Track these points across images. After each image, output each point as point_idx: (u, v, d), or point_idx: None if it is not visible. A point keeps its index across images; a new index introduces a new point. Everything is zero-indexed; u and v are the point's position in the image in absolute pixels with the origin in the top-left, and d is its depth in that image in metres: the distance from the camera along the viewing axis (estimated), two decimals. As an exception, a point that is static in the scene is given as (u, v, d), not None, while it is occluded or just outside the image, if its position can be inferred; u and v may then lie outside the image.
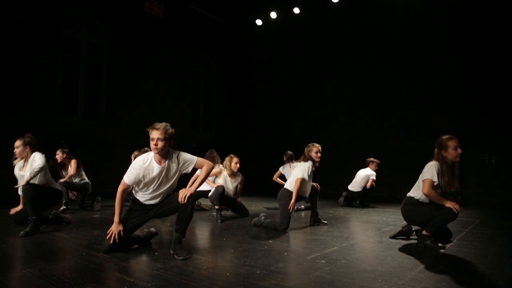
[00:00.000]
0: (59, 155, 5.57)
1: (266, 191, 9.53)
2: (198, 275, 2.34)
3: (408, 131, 8.78)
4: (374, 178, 6.48)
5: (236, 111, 12.02)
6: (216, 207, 4.82)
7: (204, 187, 5.64)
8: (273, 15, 11.01)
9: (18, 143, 3.99)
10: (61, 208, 5.18)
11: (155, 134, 2.80)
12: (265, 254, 2.90)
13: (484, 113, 7.87)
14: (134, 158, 5.56)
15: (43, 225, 3.97)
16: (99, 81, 8.96)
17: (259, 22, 11.41)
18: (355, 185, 6.55)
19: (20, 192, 3.98)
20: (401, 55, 9.01)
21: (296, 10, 10.58)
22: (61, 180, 5.39)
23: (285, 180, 5.84)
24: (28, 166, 3.93)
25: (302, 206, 5.97)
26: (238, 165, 5.07)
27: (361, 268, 2.52)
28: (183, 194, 2.77)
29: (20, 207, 4.03)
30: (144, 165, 2.88)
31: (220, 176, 5.08)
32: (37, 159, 3.88)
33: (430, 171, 3.20)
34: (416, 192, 3.37)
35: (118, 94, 8.93)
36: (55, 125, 7.76)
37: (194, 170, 3.12)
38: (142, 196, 3.02)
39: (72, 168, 5.51)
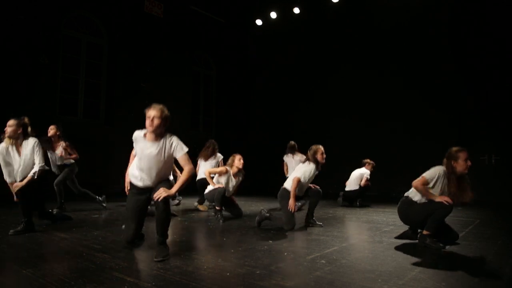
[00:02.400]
0: (52, 130, 5.21)
1: (266, 192, 9.52)
2: (198, 275, 2.34)
3: (408, 131, 8.78)
4: (368, 176, 6.61)
5: (236, 111, 12.01)
6: (217, 208, 4.81)
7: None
8: (273, 15, 11.00)
9: (12, 122, 3.75)
10: (56, 209, 5.17)
11: (151, 113, 2.85)
12: (265, 254, 2.89)
13: (484, 113, 7.87)
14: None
15: (49, 221, 4.10)
16: (99, 81, 8.95)
17: (259, 22, 11.40)
18: (350, 185, 6.67)
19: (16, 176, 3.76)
20: (401, 55, 9.00)
21: (296, 10, 10.57)
22: (57, 181, 5.30)
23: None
24: (23, 152, 3.71)
25: (299, 203, 6.01)
26: (242, 161, 5.05)
27: (361, 268, 2.52)
28: (158, 193, 2.70)
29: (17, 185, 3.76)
30: (139, 136, 2.94)
31: (224, 176, 4.99)
32: (37, 155, 3.70)
33: (432, 172, 3.26)
34: (412, 192, 3.41)
35: (118, 94, 8.93)
36: (55, 125, 7.75)
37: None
38: (137, 174, 2.95)
39: (64, 151, 5.19)
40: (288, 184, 4.26)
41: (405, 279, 2.25)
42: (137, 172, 2.96)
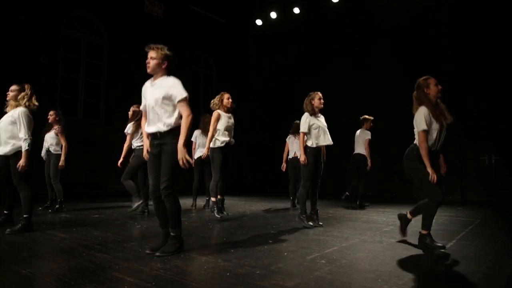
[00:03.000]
0: (52, 116, 5.35)
1: (266, 192, 9.52)
2: (198, 275, 2.34)
3: (408, 131, 8.72)
4: (369, 137, 6.70)
5: (236, 111, 12.00)
6: (213, 199, 4.73)
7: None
8: (273, 15, 11.01)
9: (14, 87, 3.81)
10: (56, 207, 5.18)
11: (149, 54, 2.90)
12: (265, 254, 2.90)
13: (484, 113, 7.86)
14: (132, 112, 5.57)
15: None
16: (99, 81, 8.95)
17: (259, 22, 11.41)
18: (356, 148, 6.84)
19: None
20: (401, 55, 8.99)
21: (296, 10, 10.58)
22: (52, 178, 5.29)
23: None
24: (9, 114, 3.71)
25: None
26: (230, 100, 5.00)
27: (361, 268, 2.52)
28: (182, 159, 2.72)
29: None
30: (147, 83, 3.07)
31: (220, 119, 4.84)
32: (21, 126, 3.63)
33: (420, 118, 3.25)
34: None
35: (118, 94, 8.92)
36: (55, 125, 7.75)
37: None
38: (146, 122, 2.99)
39: (62, 142, 5.29)
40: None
41: (405, 279, 2.25)
42: (148, 119, 2.99)
